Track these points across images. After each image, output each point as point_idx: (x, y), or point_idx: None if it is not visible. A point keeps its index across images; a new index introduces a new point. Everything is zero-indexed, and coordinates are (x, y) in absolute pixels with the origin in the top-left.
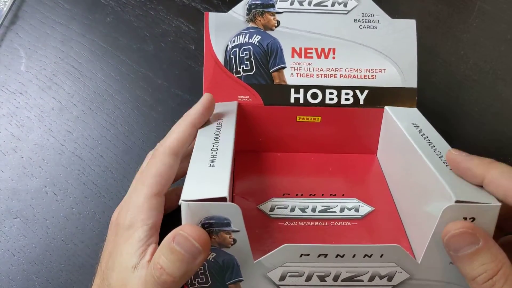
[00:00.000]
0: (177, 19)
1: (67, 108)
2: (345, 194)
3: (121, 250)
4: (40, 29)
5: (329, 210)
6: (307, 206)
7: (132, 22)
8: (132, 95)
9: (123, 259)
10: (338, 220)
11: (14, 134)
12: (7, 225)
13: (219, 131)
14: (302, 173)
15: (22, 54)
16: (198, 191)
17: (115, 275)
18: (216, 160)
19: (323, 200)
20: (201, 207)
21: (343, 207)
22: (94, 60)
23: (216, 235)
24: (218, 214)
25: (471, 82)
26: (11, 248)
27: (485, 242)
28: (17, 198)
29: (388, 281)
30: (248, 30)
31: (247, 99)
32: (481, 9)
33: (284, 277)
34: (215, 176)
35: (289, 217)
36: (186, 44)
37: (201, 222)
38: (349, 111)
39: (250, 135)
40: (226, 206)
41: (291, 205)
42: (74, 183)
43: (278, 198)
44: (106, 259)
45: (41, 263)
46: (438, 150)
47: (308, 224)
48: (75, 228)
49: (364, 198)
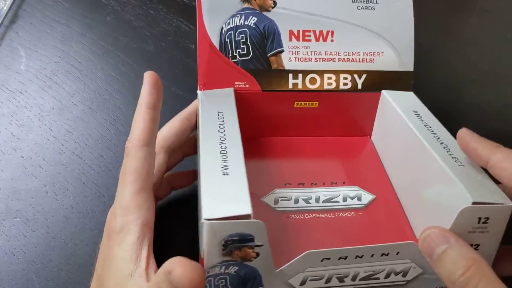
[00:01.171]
0: (177, 18)
1: (67, 108)
2: (346, 182)
3: (115, 255)
4: (40, 28)
5: (332, 200)
6: (310, 197)
7: (132, 21)
8: (133, 95)
9: (118, 266)
10: (342, 211)
11: (14, 134)
12: (7, 225)
13: (223, 129)
14: (301, 158)
15: (22, 53)
16: (220, 209)
17: (111, 283)
18: (229, 167)
19: (325, 189)
20: (225, 225)
21: (346, 196)
22: (94, 59)
23: (239, 250)
24: (242, 231)
25: (471, 82)
26: (11, 248)
27: (455, 241)
28: (17, 198)
29: (402, 277)
30: (244, 11)
31: (244, 85)
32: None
33: (305, 281)
34: (232, 187)
35: (294, 210)
36: (186, 44)
37: (224, 240)
38: (347, 95)
39: (246, 121)
40: (251, 224)
41: (295, 196)
42: (74, 183)
43: (280, 189)
44: (101, 264)
45: (41, 262)
46: (441, 139)
47: (313, 217)
48: (75, 227)
49: (364, 185)
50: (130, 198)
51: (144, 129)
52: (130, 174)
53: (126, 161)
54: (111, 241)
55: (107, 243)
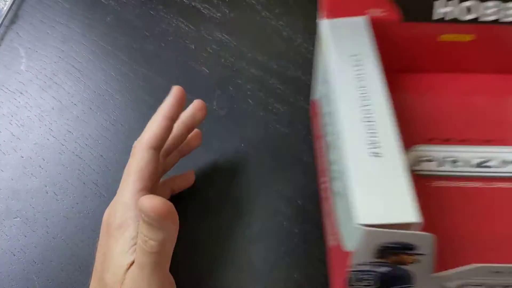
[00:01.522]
0: (177, 18)
1: (67, 108)
2: (504, 140)
3: (114, 250)
4: (40, 28)
5: (484, 164)
6: (457, 158)
7: (132, 21)
8: (132, 95)
9: (117, 259)
10: (498, 180)
11: (14, 134)
12: (7, 225)
13: (364, 84)
14: (444, 102)
15: (22, 53)
16: (379, 212)
17: (110, 275)
18: (379, 143)
19: (476, 148)
20: (385, 234)
21: (504, 159)
22: (94, 59)
23: (396, 255)
24: (406, 241)
25: None
26: (11, 248)
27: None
28: (17, 198)
29: None
30: None
31: (381, 13)
32: None
33: (462, 286)
34: (388, 176)
35: (437, 175)
36: (186, 44)
37: (380, 245)
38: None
39: (383, 55)
40: (421, 237)
41: (439, 157)
42: (74, 183)
43: (422, 146)
44: (101, 261)
45: (41, 262)
46: None
47: (462, 185)
48: (75, 227)
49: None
50: (131, 196)
51: (155, 134)
52: (134, 173)
53: (131, 160)
54: (110, 237)
55: (107, 240)
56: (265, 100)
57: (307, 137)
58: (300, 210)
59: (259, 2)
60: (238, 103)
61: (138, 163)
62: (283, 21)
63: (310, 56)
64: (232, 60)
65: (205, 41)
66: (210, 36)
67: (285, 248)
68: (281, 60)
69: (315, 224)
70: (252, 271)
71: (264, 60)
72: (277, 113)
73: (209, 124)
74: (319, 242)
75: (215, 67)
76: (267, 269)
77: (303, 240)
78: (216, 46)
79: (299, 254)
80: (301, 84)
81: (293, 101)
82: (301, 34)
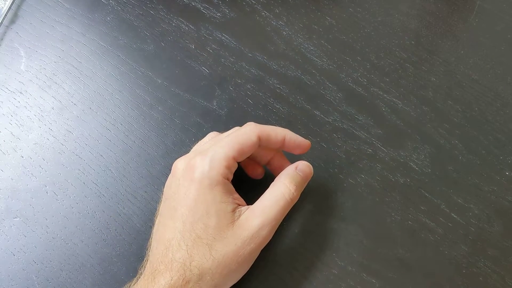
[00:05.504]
0: (177, 18)
1: (67, 108)
2: None
3: (214, 195)
4: (40, 28)
5: None
6: None
7: (132, 21)
8: (132, 95)
9: (220, 205)
10: None
11: (14, 134)
12: (7, 225)
13: None
14: None
15: (22, 53)
16: None
17: (214, 219)
18: None
19: None
20: None
21: None
22: (94, 59)
23: None
24: None
25: (471, 82)
26: (11, 248)
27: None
28: (17, 198)
29: None
30: None
31: None
32: (481, 8)
33: None
34: None
35: None
36: (186, 44)
37: None
38: None
39: None
40: None
41: None
42: (74, 183)
43: None
44: (191, 207)
45: (41, 262)
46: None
47: None
48: (75, 227)
49: None
50: (225, 156)
51: (269, 135)
52: (236, 143)
53: (242, 131)
54: (201, 183)
55: (195, 186)
56: (265, 100)
57: (307, 137)
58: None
59: (259, 2)
60: (238, 103)
61: (245, 138)
62: (283, 21)
63: (310, 56)
64: (232, 60)
65: (205, 41)
66: (210, 36)
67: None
68: (281, 60)
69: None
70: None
71: (264, 60)
72: (277, 113)
73: (209, 124)
74: None
75: (215, 67)
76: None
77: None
78: (216, 46)
79: None
80: (301, 84)
81: (293, 101)
82: (301, 34)
